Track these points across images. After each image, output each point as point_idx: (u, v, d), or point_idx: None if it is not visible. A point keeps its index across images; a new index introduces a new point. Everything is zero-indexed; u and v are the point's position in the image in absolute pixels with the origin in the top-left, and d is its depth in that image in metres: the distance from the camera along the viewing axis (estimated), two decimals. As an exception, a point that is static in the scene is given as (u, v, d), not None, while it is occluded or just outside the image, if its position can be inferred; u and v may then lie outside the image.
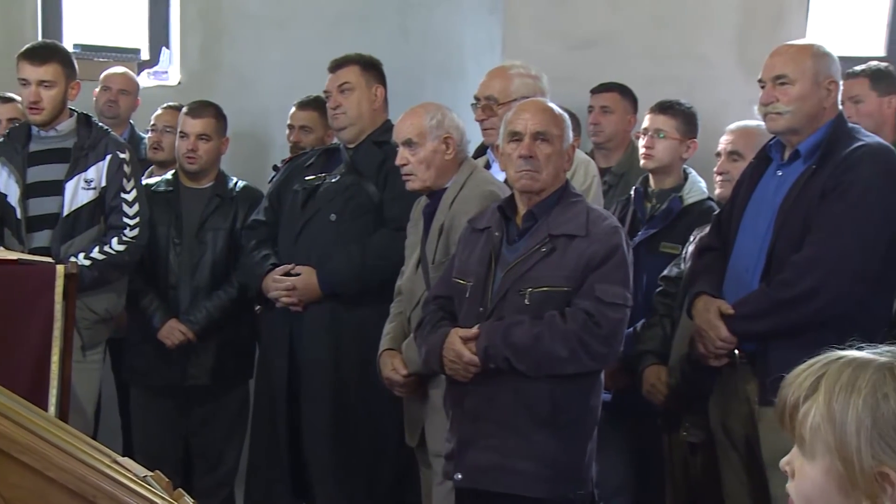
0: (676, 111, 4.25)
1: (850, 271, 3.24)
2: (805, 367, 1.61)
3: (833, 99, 3.39)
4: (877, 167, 3.28)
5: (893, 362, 1.54)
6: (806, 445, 1.56)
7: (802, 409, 1.57)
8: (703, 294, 3.44)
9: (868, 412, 1.50)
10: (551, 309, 3.27)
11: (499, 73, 4.11)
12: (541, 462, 3.27)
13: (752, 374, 3.35)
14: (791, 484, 1.61)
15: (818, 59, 3.38)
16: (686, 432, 3.76)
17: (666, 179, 4.22)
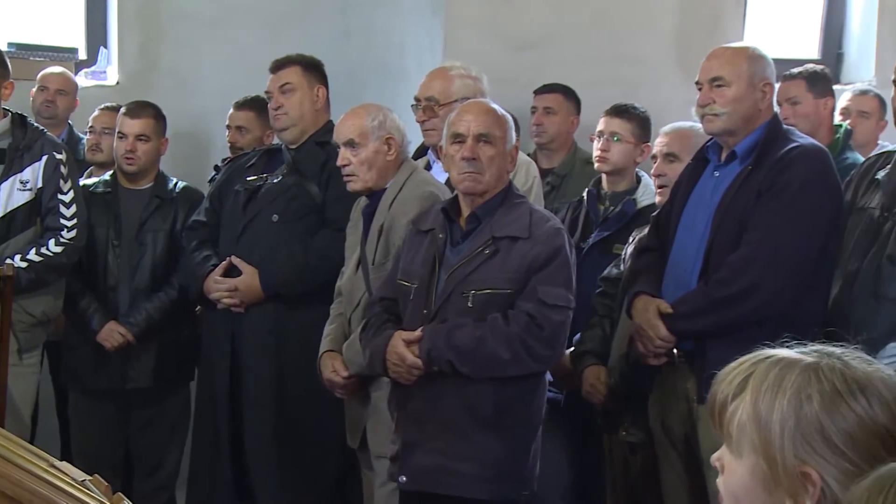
0: (632, 115, 4.28)
1: (785, 270, 3.28)
2: (735, 366, 1.62)
3: (768, 101, 3.44)
4: (811, 167, 3.34)
5: (819, 363, 1.55)
6: (733, 443, 1.58)
7: (731, 407, 1.58)
8: (642, 293, 3.47)
9: (792, 412, 1.52)
10: (495, 311, 3.28)
11: (439, 73, 4.11)
12: (484, 464, 3.28)
13: (690, 373, 3.38)
14: (720, 479, 1.62)
15: (753, 62, 3.43)
16: (626, 432, 3.79)
17: (620, 182, 4.24)
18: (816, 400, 1.52)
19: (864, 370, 1.55)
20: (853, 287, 3.41)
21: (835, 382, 1.53)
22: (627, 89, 4.87)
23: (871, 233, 3.41)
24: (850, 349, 1.59)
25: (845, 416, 1.51)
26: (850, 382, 1.53)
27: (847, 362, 1.56)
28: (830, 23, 5.56)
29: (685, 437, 3.44)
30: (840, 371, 1.54)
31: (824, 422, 1.51)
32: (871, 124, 4.83)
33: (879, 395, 1.52)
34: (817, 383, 1.53)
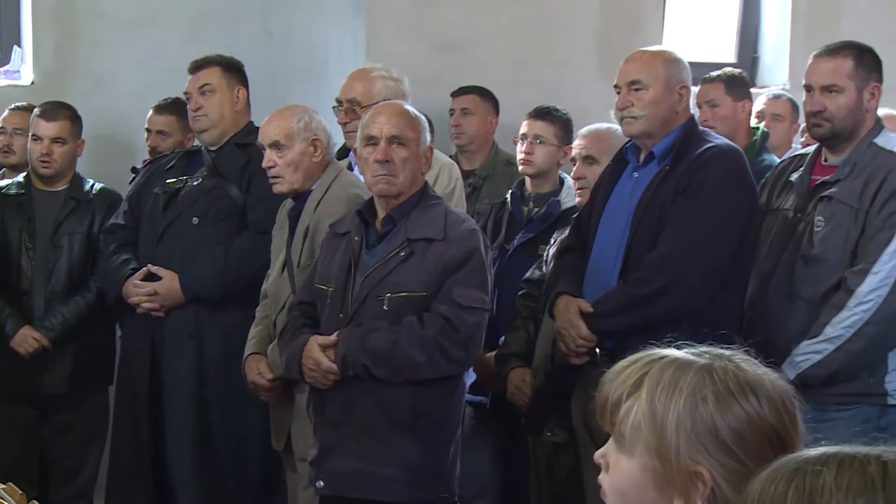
0: (554, 117, 4.30)
1: (702, 268, 3.34)
2: (627, 365, 1.64)
3: (685, 103, 3.49)
4: (726, 167, 3.40)
5: (713, 364, 1.58)
6: (625, 442, 1.59)
7: (624, 407, 1.60)
8: (563, 294, 3.50)
9: (688, 413, 1.54)
10: (410, 314, 3.29)
11: (361, 75, 4.11)
12: (402, 467, 3.28)
13: (612, 371, 3.41)
14: (604, 476, 1.64)
15: (670, 65, 3.48)
16: (550, 432, 3.81)
17: (543, 184, 4.26)
18: (711, 401, 1.54)
19: (754, 372, 1.58)
20: (768, 286, 3.47)
21: (728, 383, 1.55)
22: (549, 91, 4.90)
23: (786, 233, 3.48)
24: (738, 351, 1.62)
25: (737, 415, 1.53)
26: (742, 383, 1.56)
27: (738, 364, 1.59)
28: (746, 27, 5.65)
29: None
30: (733, 372, 1.57)
31: (717, 422, 1.53)
32: (785, 127, 4.93)
33: (768, 396, 1.56)
34: (711, 384, 1.55)
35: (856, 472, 1.28)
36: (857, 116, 3.44)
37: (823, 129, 3.45)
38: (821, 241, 3.38)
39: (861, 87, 3.44)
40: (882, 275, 3.27)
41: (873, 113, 3.49)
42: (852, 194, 3.36)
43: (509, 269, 4.10)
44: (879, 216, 3.32)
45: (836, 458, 1.31)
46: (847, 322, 3.28)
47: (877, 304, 3.27)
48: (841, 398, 3.32)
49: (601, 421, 1.65)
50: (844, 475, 1.28)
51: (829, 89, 3.44)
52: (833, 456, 1.31)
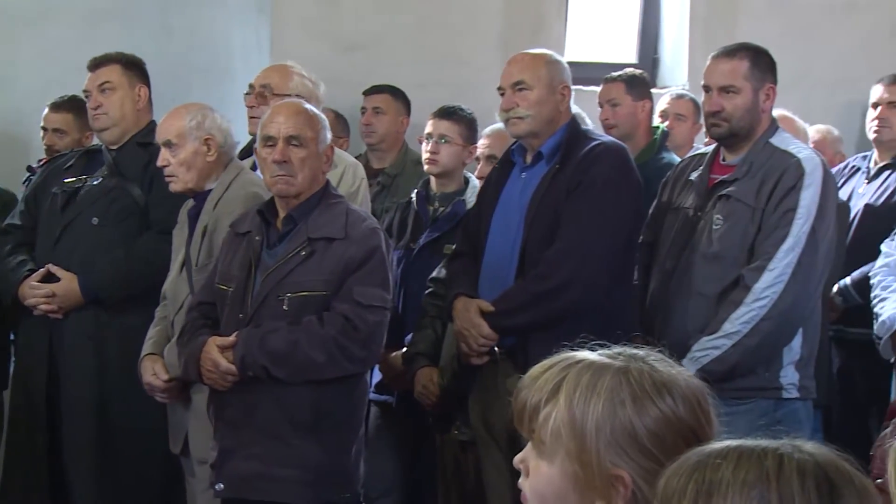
0: (459, 117, 4.31)
1: (598, 261, 3.41)
2: (544, 369, 1.64)
3: (567, 103, 3.57)
4: (614, 163, 3.49)
5: (629, 366, 1.60)
6: (545, 447, 1.60)
7: (543, 412, 1.60)
8: (461, 295, 3.52)
9: (607, 417, 1.56)
10: (310, 313, 3.27)
11: (280, 67, 4.15)
12: (303, 468, 3.27)
13: (512, 369, 3.43)
14: (524, 481, 1.65)
15: (552, 66, 3.57)
16: (458, 431, 3.82)
17: (449, 184, 4.27)
18: (628, 403, 1.56)
19: (668, 372, 1.60)
20: (670, 283, 3.54)
21: (644, 385, 1.57)
22: (454, 91, 4.92)
23: (686, 231, 3.55)
24: (652, 352, 1.64)
25: (653, 416, 1.55)
26: (658, 384, 1.58)
27: (653, 365, 1.61)
28: (646, 29, 5.74)
29: (507, 434, 3.49)
30: (648, 374, 1.59)
31: (635, 424, 1.55)
32: (687, 126, 5.02)
33: (683, 395, 1.58)
34: (628, 386, 1.57)
35: (753, 466, 1.31)
36: (754, 116, 3.51)
37: (721, 129, 3.53)
38: (719, 238, 3.45)
39: (757, 88, 3.52)
40: (777, 272, 3.35)
41: (769, 113, 3.57)
42: (749, 193, 3.44)
43: (415, 269, 4.11)
44: (775, 214, 3.39)
45: (736, 452, 1.33)
46: (744, 318, 3.34)
47: (772, 300, 3.34)
48: (738, 392, 3.40)
49: (519, 427, 1.65)
50: (741, 469, 1.31)
51: (727, 90, 3.51)
52: (734, 450, 1.34)
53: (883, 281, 3.83)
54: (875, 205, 4.42)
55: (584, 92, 4.76)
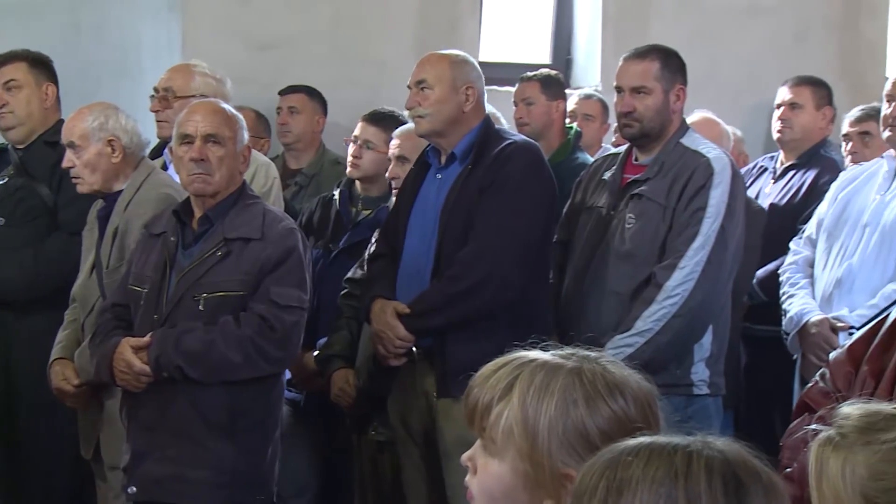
0: (388, 124, 4.25)
1: (513, 260, 3.41)
2: (496, 368, 1.64)
3: (473, 103, 3.55)
4: (526, 162, 3.50)
5: (582, 367, 1.60)
6: (496, 445, 1.60)
7: (495, 411, 1.60)
8: (378, 297, 3.52)
9: (559, 417, 1.56)
10: (227, 314, 3.25)
11: (182, 67, 4.10)
12: (218, 470, 3.24)
13: (429, 369, 3.45)
14: (472, 478, 1.64)
15: (456, 66, 3.57)
16: (375, 431, 3.82)
17: (372, 188, 4.26)
18: (581, 403, 1.57)
19: (620, 373, 1.62)
20: (584, 282, 3.58)
21: (597, 385, 1.58)
22: (369, 91, 4.92)
23: (599, 230, 3.59)
24: (604, 353, 1.66)
25: (605, 416, 1.56)
26: (611, 385, 1.59)
27: (605, 366, 1.62)
28: (560, 30, 5.79)
29: (424, 432, 3.50)
30: (601, 374, 1.60)
31: (587, 424, 1.56)
32: (596, 127, 5.08)
33: (634, 396, 1.59)
34: (581, 387, 1.58)
35: (662, 464, 1.32)
36: (665, 117, 3.57)
37: (633, 129, 3.58)
38: (632, 237, 3.50)
39: (667, 89, 3.58)
40: (688, 269, 3.41)
41: (679, 114, 3.64)
42: (660, 192, 3.50)
43: (332, 271, 4.08)
44: (685, 213, 3.46)
45: (648, 450, 1.35)
46: (656, 315, 3.40)
47: (683, 297, 3.39)
48: (650, 389, 3.45)
49: (469, 425, 1.64)
50: (652, 466, 1.32)
51: (638, 90, 3.56)
52: (645, 447, 1.35)
53: (791, 278, 3.91)
54: (780, 204, 4.51)
55: (499, 92, 4.79)
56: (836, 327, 3.63)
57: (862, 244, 3.70)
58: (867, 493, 1.51)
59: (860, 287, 3.66)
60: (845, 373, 2.31)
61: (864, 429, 1.55)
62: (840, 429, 1.56)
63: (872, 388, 2.22)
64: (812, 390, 2.38)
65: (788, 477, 2.13)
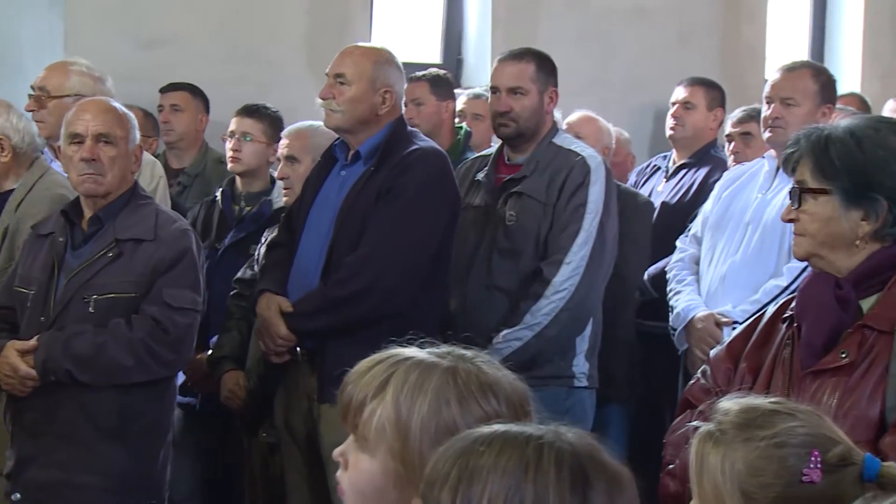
0: (263, 115, 4.27)
1: (401, 270, 3.37)
2: (371, 365, 1.65)
3: (389, 106, 3.49)
4: (429, 170, 3.45)
5: (457, 367, 1.62)
6: (368, 442, 1.61)
7: (368, 408, 1.61)
8: (266, 291, 3.48)
9: (432, 416, 1.58)
10: (118, 316, 3.21)
11: (58, 66, 3.99)
12: (107, 475, 3.20)
13: (311, 371, 3.42)
14: (343, 474, 1.65)
15: (379, 66, 3.50)
16: (266, 433, 3.79)
17: (254, 183, 4.23)
18: (454, 403, 1.58)
19: (494, 374, 1.64)
20: (468, 280, 3.62)
21: (470, 385, 1.60)
22: (258, 89, 4.87)
23: (479, 228, 3.64)
24: (480, 353, 1.67)
25: (477, 416, 1.58)
26: (484, 385, 1.60)
27: (480, 366, 1.63)
28: (450, 30, 5.82)
29: (307, 435, 3.47)
30: (475, 374, 1.61)
31: (459, 424, 1.57)
32: (485, 126, 5.08)
33: (507, 397, 1.61)
34: (455, 387, 1.59)
35: (514, 454, 1.35)
36: (539, 118, 3.68)
37: (510, 129, 3.66)
38: (513, 234, 3.57)
39: (542, 91, 3.69)
40: (574, 264, 3.51)
41: (551, 115, 3.77)
42: (540, 189, 3.58)
43: (220, 269, 4.05)
44: (567, 210, 3.55)
45: (500, 439, 1.37)
46: (545, 310, 3.48)
47: (570, 292, 3.49)
48: (535, 381, 3.46)
49: (343, 421, 1.65)
50: (503, 456, 1.35)
51: (515, 91, 3.65)
52: (498, 436, 1.38)
53: (678, 275, 3.99)
54: (671, 203, 4.61)
55: (390, 91, 4.78)
56: (721, 322, 3.71)
57: (745, 242, 3.78)
58: (745, 488, 1.55)
59: (743, 283, 3.75)
60: (725, 369, 2.37)
61: (742, 425, 1.60)
62: (719, 425, 1.61)
63: (751, 384, 2.28)
64: (693, 387, 2.44)
65: (671, 473, 2.18)
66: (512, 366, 3.28)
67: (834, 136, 2.24)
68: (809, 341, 2.22)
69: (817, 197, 2.24)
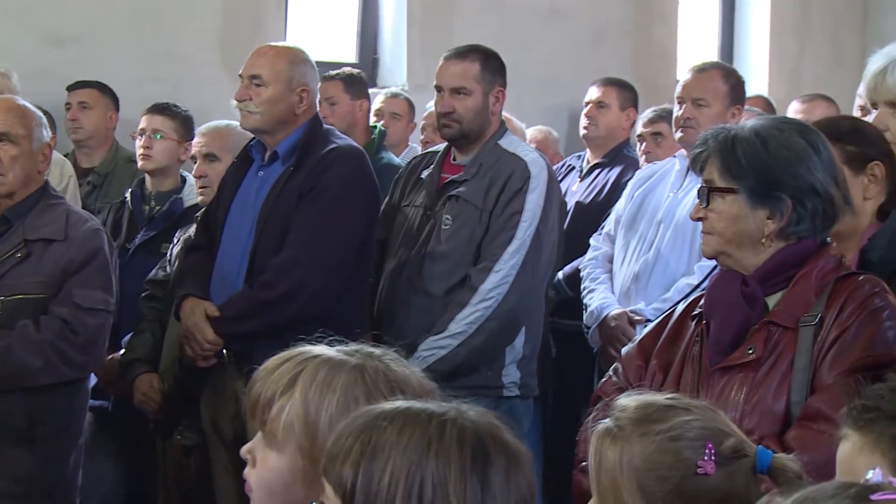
0: (174, 113, 4.23)
1: (327, 270, 3.37)
2: (279, 363, 1.66)
3: (306, 105, 3.49)
4: (349, 169, 3.44)
5: (365, 364, 1.63)
6: (277, 439, 1.62)
7: (277, 405, 1.62)
8: (189, 296, 3.45)
9: (340, 413, 1.58)
10: (26, 317, 3.15)
11: None
12: (14, 479, 3.15)
13: (238, 373, 3.38)
14: (251, 471, 1.66)
15: (294, 66, 3.48)
16: (181, 436, 3.75)
17: (164, 182, 4.18)
18: (362, 401, 1.59)
19: (402, 372, 1.65)
20: (398, 281, 3.59)
21: (378, 383, 1.61)
22: (171, 88, 4.82)
23: (416, 230, 3.61)
24: (388, 351, 1.68)
25: None
26: (392, 383, 1.62)
27: (388, 364, 1.65)
28: (366, 29, 5.80)
29: (235, 437, 3.44)
30: (383, 372, 1.63)
31: None
32: (402, 126, 5.12)
33: (415, 394, 1.62)
34: (363, 384, 1.60)
35: (417, 430, 1.37)
36: (484, 118, 3.61)
37: (453, 130, 3.60)
38: (448, 238, 3.52)
39: (487, 91, 3.62)
40: (503, 273, 3.45)
41: (498, 116, 3.68)
42: (477, 195, 3.53)
43: (131, 269, 3.99)
44: (502, 217, 3.50)
45: (403, 416, 1.39)
46: (470, 318, 3.43)
47: (497, 301, 3.44)
48: (461, 391, 3.44)
49: (251, 418, 1.65)
50: (406, 432, 1.37)
51: (458, 91, 3.59)
52: (401, 413, 1.40)
53: (592, 273, 4.02)
54: (585, 202, 4.65)
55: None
56: (634, 320, 3.76)
57: (657, 240, 3.83)
58: (642, 482, 1.58)
59: (656, 281, 3.80)
60: (636, 367, 2.41)
61: (639, 420, 1.63)
62: (617, 421, 1.64)
63: (661, 381, 2.32)
64: (605, 385, 2.47)
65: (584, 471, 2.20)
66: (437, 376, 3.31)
67: (740, 137, 2.28)
68: (718, 338, 2.26)
69: (725, 196, 2.28)
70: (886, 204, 2.59)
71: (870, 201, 2.58)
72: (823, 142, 2.31)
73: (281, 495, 1.62)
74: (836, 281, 2.24)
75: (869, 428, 1.43)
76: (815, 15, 6.92)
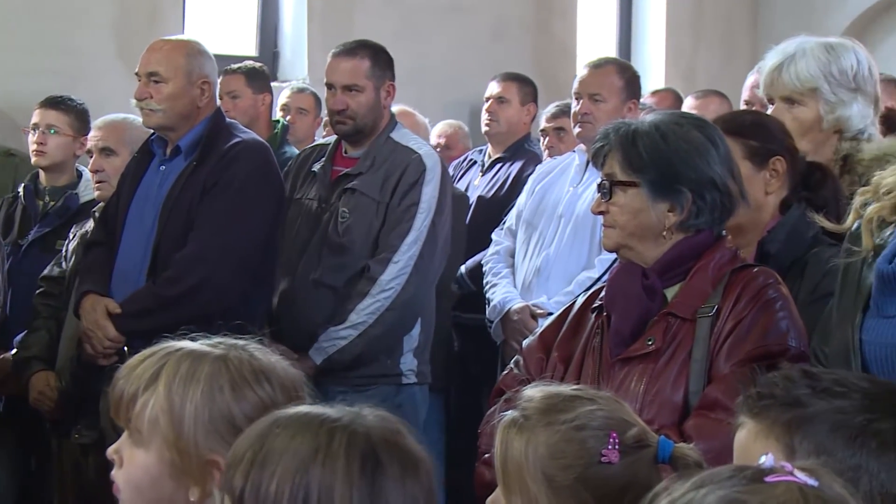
0: (68, 107, 4.15)
1: (232, 265, 3.34)
2: (143, 358, 1.65)
3: (208, 97, 3.47)
4: (254, 163, 3.43)
5: (228, 354, 1.63)
6: (142, 436, 1.61)
7: (141, 400, 1.61)
8: (89, 293, 3.38)
9: (205, 404, 1.59)
10: None
11: None
12: None
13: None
14: (118, 472, 1.65)
15: (192, 59, 3.45)
16: (78, 434, 3.68)
17: (59, 177, 4.11)
18: (227, 390, 1.59)
19: (267, 360, 1.65)
20: (296, 274, 3.58)
21: (243, 372, 1.61)
22: (65, 80, 4.70)
23: (311, 223, 3.61)
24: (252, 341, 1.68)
25: (251, 402, 1.60)
26: (257, 371, 1.62)
27: (252, 353, 1.65)
28: (265, 22, 5.76)
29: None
30: (248, 361, 1.63)
31: (233, 410, 1.59)
32: (309, 120, 5.09)
33: (281, 382, 1.63)
34: (227, 373, 1.61)
35: (307, 437, 1.36)
36: (377, 113, 3.64)
37: (347, 127, 3.62)
38: (345, 230, 3.54)
39: (378, 86, 3.64)
40: (401, 264, 3.49)
41: (388, 109, 3.71)
42: (374, 187, 3.55)
43: (24, 266, 3.93)
44: (399, 208, 3.54)
45: (297, 422, 1.38)
46: (370, 309, 3.47)
47: (397, 291, 3.48)
48: (362, 380, 3.50)
49: (115, 416, 1.63)
50: (296, 440, 1.36)
51: (351, 88, 3.60)
52: (295, 419, 1.39)
53: (494, 268, 4.06)
54: (487, 196, 4.68)
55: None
56: (536, 314, 3.80)
57: (558, 234, 3.88)
58: (547, 471, 1.61)
59: (557, 275, 3.84)
60: (537, 359, 2.43)
61: (545, 410, 1.65)
62: (523, 411, 1.66)
63: (562, 373, 2.34)
64: (507, 377, 2.49)
65: (486, 462, 2.22)
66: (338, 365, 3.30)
67: (641, 131, 2.32)
68: (618, 329, 2.29)
69: (626, 189, 2.31)
70: (789, 198, 2.65)
71: (772, 195, 2.64)
72: (720, 136, 2.36)
73: (149, 492, 1.62)
74: (731, 273, 2.28)
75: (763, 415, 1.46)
76: (708, 11, 7.08)
